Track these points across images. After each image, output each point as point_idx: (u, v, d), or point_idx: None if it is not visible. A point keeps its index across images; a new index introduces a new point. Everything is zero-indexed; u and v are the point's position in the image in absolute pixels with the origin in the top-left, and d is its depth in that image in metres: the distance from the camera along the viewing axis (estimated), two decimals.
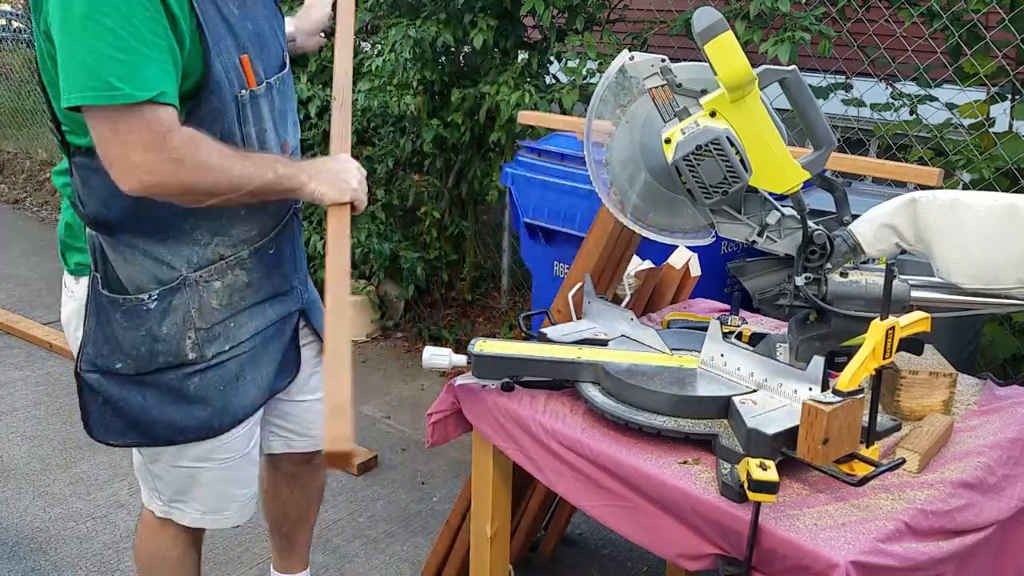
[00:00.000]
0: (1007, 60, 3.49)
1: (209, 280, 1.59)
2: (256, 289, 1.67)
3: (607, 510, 1.49)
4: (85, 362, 1.63)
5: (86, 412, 1.66)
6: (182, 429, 1.65)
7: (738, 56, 1.36)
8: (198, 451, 1.70)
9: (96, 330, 1.60)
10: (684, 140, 1.42)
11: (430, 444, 1.80)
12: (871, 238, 1.52)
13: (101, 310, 1.58)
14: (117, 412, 1.63)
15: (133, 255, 1.55)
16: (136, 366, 1.60)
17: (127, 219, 1.52)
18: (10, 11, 10.23)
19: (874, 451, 1.37)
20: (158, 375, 1.61)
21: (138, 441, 1.67)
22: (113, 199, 1.48)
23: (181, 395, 1.63)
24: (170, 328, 1.59)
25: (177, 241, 1.55)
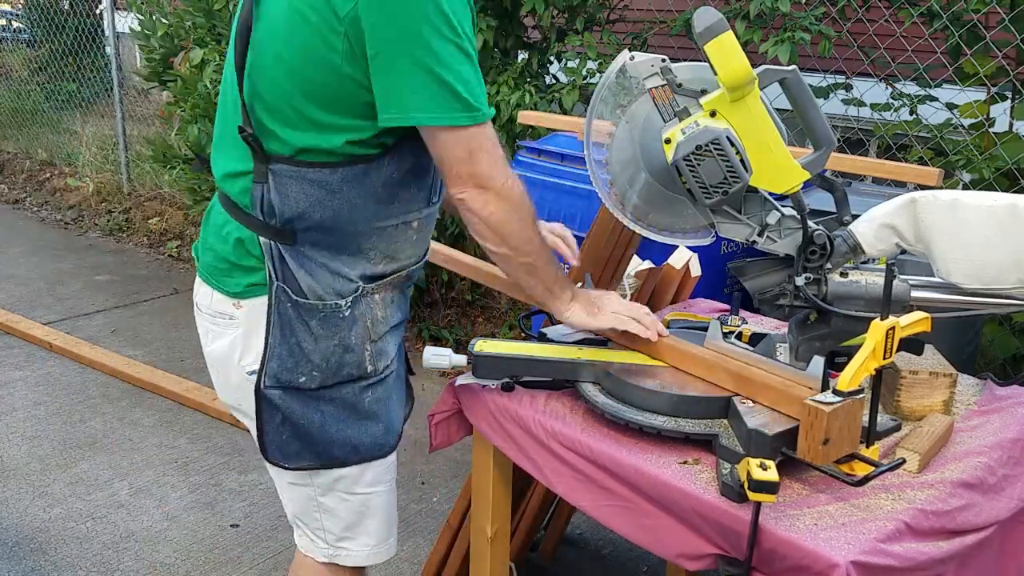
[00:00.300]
0: (1007, 60, 3.49)
1: (375, 293, 1.57)
2: (398, 308, 1.65)
3: (607, 510, 1.49)
4: (269, 377, 1.54)
5: (263, 432, 1.58)
6: (356, 447, 1.61)
7: (738, 56, 1.36)
8: (373, 474, 1.65)
9: (281, 344, 1.52)
10: (684, 140, 1.42)
11: (433, 447, 1.80)
12: (871, 238, 1.52)
13: (287, 321, 1.52)
14: (295, 431, 1.58)
15: (312, 266, 1.51)
16: (322, 378, 1.55)
17: (314, 231, 1.49)
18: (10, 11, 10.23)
19: (874, 451, 1.37)
20: (338, 389, 1.57)
21: (312, 463, 1.61)
22: (311, 210, 1.47)
23: (356, 410, 1.59)
24: (356, 338, 1.56)
25: (352, 257, 1.53)
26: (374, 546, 1.72)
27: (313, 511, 1.67)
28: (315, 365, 1.53)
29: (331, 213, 1.47)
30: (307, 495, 1.66)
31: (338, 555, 1.71)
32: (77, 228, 6.08)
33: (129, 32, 5.02)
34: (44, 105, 8.15)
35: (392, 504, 1.73)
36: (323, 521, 1.68)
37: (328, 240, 1.51)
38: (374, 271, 1.56)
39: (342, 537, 1.69)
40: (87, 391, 3.70)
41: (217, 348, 1.60)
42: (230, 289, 1.56)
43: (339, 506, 1.66)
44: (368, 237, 1.53)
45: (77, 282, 5.01)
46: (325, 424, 1.57)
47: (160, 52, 4.35)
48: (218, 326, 1.59)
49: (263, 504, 2.91)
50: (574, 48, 3.89)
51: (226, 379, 1.62)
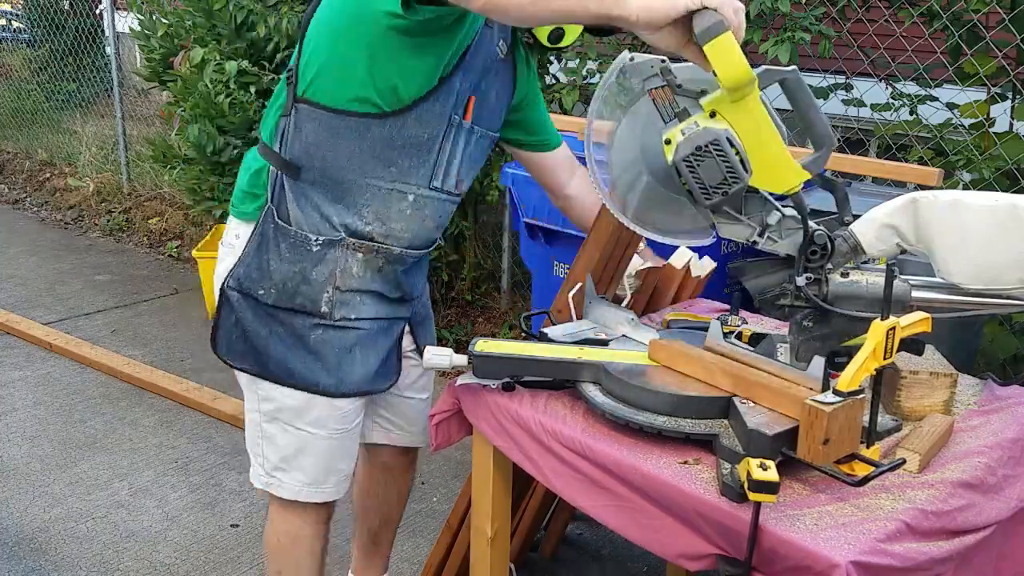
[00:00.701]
0: (1007, 60, 3.49)
1: (357, 250, 1.72)
2: (384, 280, 1.78)
3: (607, 510, 1.49)
4: (232, 278, 1.74)
5: (216, 327, 1.77)
6: (291, 372, 1.75)
7: (738, 57, 1.36)
8: (317, 414, 1.79)
9: (254, 255, 1.72)
10: (684, 141, 1.42)
11: (435, 447, 1.81)
12: (872, 238, 1.52)
13: (266, 238, 1.71)
14: (243, 335, 1.75)
15: (306, 204, 1.69)
16: (276, 297, 1.71)
17: (317, 173, 1.67)
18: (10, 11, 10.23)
19: (875, 451, 1.37)
20: (290, 315, 1.73)
21: (252, 368, 1.77)
22: (317, 150, 1.65)
23: (301, 341, 1.74)
24: (318, 275, 1.71)
25: (346, 208, 1.69)
26: (306, 484, 1.85)
27: (257, 437, 1.84)
28: (274, 283, 1.71)
29: (331, 156, 1.64)
30: (254, 420, 1.83)
31: (271, 484, 1.86)
32: (77, 228, 6.08)
33: (129, 32, 5.01)
34: (44, 105, 8.15)
35: (336, 454, 1.85)
36: (263, 447, 1.84)
37: (327, 186, 1.67)
38: (363, 228, 1.71)
39: (277, 467, 1.84)
40: (87, 391, 3.70)
41: (217, 271, 1.81)
42: (241, 210, 1.77)
43: (279, 435, 1.81)
44: (363, 192, 1.68)
45: (77, 282, 5.01)
46: (270, 340, 1.74)
47: (160, 52, 4.35)
48: (223, 251, 1.81)
49: (263, 504, 2.90)
50: (574, 48, 3.89)
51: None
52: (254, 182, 1.76)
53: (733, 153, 1.41)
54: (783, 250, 1.53)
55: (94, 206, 6.36)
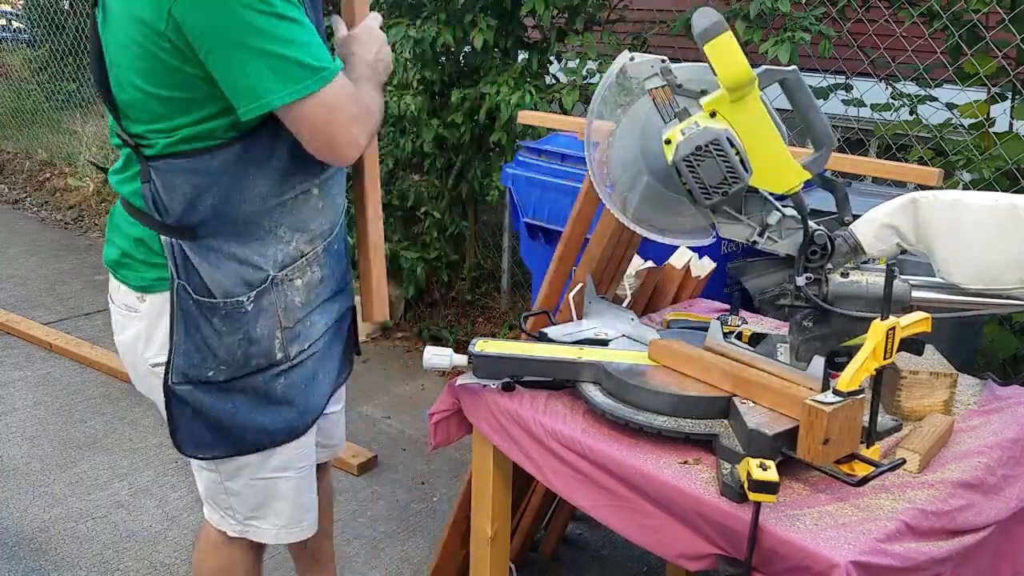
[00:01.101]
0: (1007, 60, 3.49)
1: (292, 278, 1.59)
2: (326, 285, 1.68)
3: (607, 510, 1.49)
4: (175, 374, 1.56)
5: (174, 426, 1.61)
6: (271, 432, 1.64)
7: (738, 57, 1.36)
8: (280, 459, 1.69)
9: (186, 340, 1.54)
10: (684, 141, 1.42)
11: (433, 446, 1.80)
12: (872, 238, 1.52)
13: (190, 319, 1.53)
14: (207, 423, 1.60)
15: (218, 259, 1.52)
16: (229, 372, 1.57)
17: (213, 221, 1.50)
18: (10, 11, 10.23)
19: (874, 451, 1.37)
20: (249, 379, 1.59)
21: (227, 452, 1.64)
22: (200, 200, 1.47)
23: (268, 398, 1.62)
24: (263, 329, 1.57)
25: (261, 242, 1.54)
26: (283, 527, 1.77)
27: (220, 493, 1.73)
28: (221, 360, 1.56)
29: (220, 199, 1.47)
30: (213, 479, 1.72)
31: (247, 531, 1.77)
32: (77, 228, 6.08)
33: None
34: (44, 105, 8.15)
35: (304, 490, 1.76)
36: (231, 501, 1.74)
37: (230, 228, 1.51)
38: (287, 251, 1.57)
39: (250, 517, 1.75)
40: (87, 391, 3.70)
41: (124, 338, 1.65)
42: (133, 283, 1.58)
43: (245, 490, 1.71)
44: (269, 215, 1.53)
45: (77, 282, 5.01)
46: (237, 413, 1.60)
47: None
48: (124, 317, 1.63)
49: None
50: (574, 48, 3.89)
51: (134, 369, 1.67)
52: (140, 249, 1.56)
53: (733, 153, 1.41)
54: (783, 250, 1.53)
55: (94, 206, 6.35)
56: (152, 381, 1.62)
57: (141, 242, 1.55)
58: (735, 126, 1.42)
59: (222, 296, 1.53)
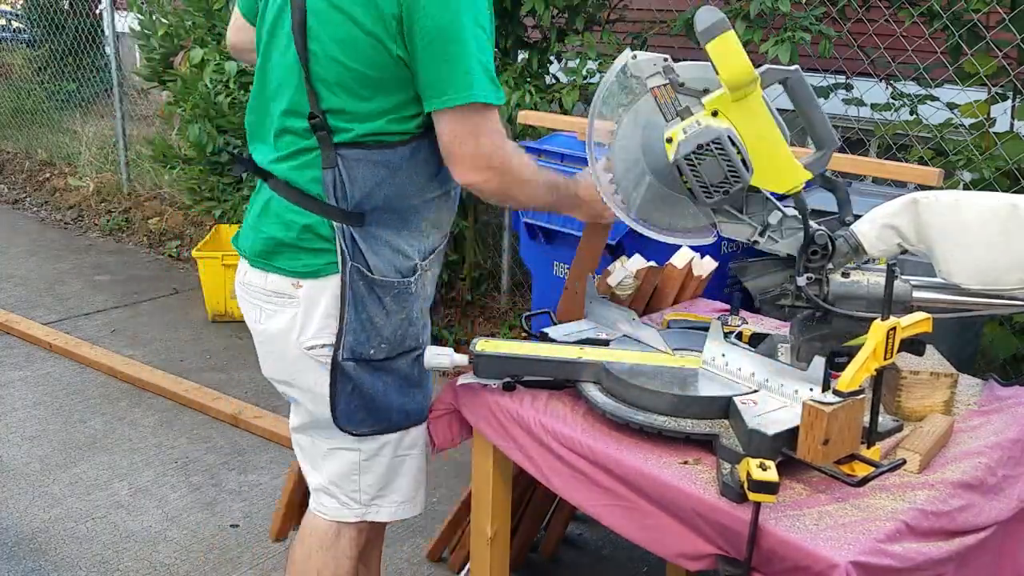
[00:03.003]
0: (1007, 60, 3.49)
1: (428, 269, 1.72)
2: (434, 281, 1.79)
3: (607, 510, 1.49)
4: (345, 350, 1.65)
5: (335, 401, 1.69)
6: (408, 413, 1.75)
7: (740, 56, 1.36)
8: (411, 437, 1.79)
9: (355, 319, 1.63)
10: (685, 139, 1.42)
11: (436, 448, 1.81)
12: (873, 239, 1.51)
13: (360, 298, 1.62)
14: (363, 400, 1.69)
15: (378, 245, 1.63)
16: (388, 350, 1.67)
17: (380, 211, 1.61)
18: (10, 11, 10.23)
19: (875, 452, 1.37)
20: (398, 360, 1.70)
21: (376, 428, 1.73)
22: (377, 189, 1.59)
23: (409, 379, 1.73)
24: (417, 312, 1.70)
25: (410, 233, 1.66)
26: (400, 503, 1.84)
27: (352, 474, 1.78)
28: (384, 338, 1.66)
29: (395, 190, 1.60)
30: (350, 460, 1.77)
31: (369, 512, 1.83)
32: (77, 228, 6.08)
33: (129, 32, 5.02)
34: (44, 105, 8.15)
35: (422, 466, 1.86)
36: (360, 482, 1.79)
37: (391, 218, 1.63)
38: (427, 245, 1.70)
39: (376, 496, 1.81)
40: (86, 391, 3.70)
41: (273, 326, 1.70)
42: (293, 269, 1.65)
43: (379, 468, 1.78)
44: (418, 212, 1.66)
45: (77, 282, 5.01)
46: (387, 392, 1.71)
47: (160, 52, 4.35)
48: (274, 304, 1.68)
49: (263, 504, 2.90)
50: (574, 48, 3.89)
51: (281, 355, 1.71)
52: (305, 236, 1.63)
53: (734, 152, 1.41)
54: (784, 250, 1.53)
55: (94, 206, 6.35)
56: (304, 364, 1.68)
57: (308, 228, 1.63)
58: (737, 125, 1.42)
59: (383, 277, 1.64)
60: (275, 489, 2.92)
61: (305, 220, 1.62)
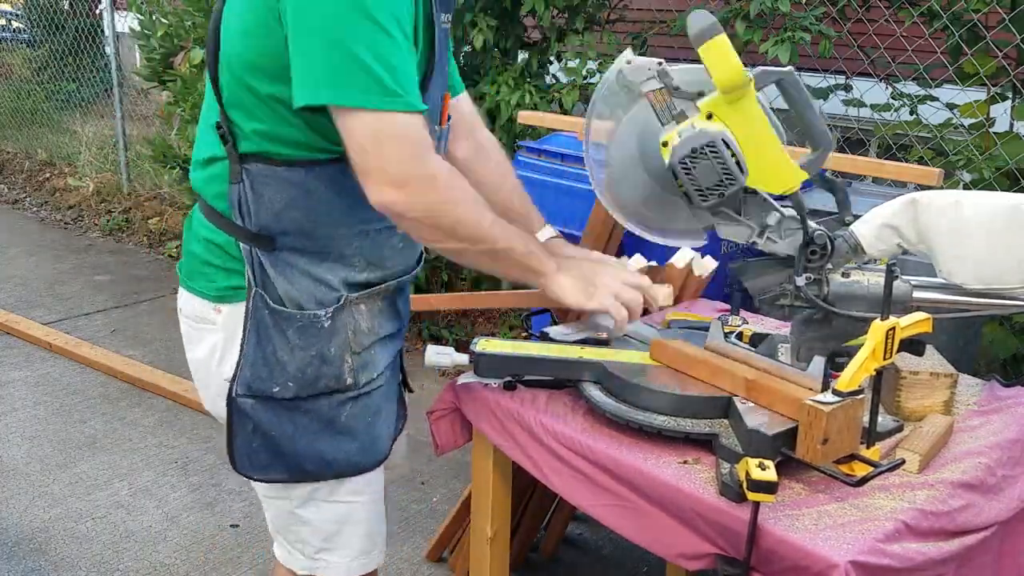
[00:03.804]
0: (1007, 60, 3.49)
1: (359, 302, 1.51)
2: (389, 318, 1.59)
3: (607, 509, 1.49)
4: (241, 385, 1.47)
5: (232, 442, 1.52)
6: (329, 463, 1.54)
7: (732, 59, 1.36)
8: (354, 484, 1.59)
9: (255, 351, 1.46)
10: (680, 143, 1.42)
11: (439, 448, 1.81)
12: (872, 239, 1.52)
13: (263, 329, 1.45)
14: (265, 442, 1.51)
15: (292, 273, 1.45)
16: (297, 389, 1.48)
17: (293, 235, 1.43)
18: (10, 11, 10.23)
19: (874, 452, 1.37)
20: (314, 401, 1.50)
21: (283, 476, 1.54)
22: (287, 211, 1.41)
23: (331, 425, 1.52)
24: (336, 349, 1.49)
25: (335, 263, 1.47)
26: (354, 558, 1.66)
27: (291, 524, 1.62)
28: (290, 376, 1.47)
29: (307, 214, 1.42)
30: (285, 508, 1.61)
31: (317, 567, 1.65)
32: (77, 228, 6.08)
33: (129, 32, 5.02)
34: (44, 105, 8.16)
35: (376, 516, 1.67)
36: (301, 533, 1.63)
37: (308, 244, 1.45)
38: (358, 279, 1.50)
39: (321, 549, 1.64)
40: (86, 391, 3.70)
41: (197, 354, 1.55)
42: (209, 292, 1.50)
43: (317, 517, 1.60)
44: (349, 242, 1.47)
45: (77, 282, 5.01)
46: (296, 436, 1.51)
47: (160, 52, 4.35)
48: (198, 331, 1.54)
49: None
50: (574, 48, 3.89)
51: (206, 387, 1.57)
52: (218, 254, 1.48)
53: (729, 155, 1.41)
54: (783, 250, 1.53)
55: (94, 206, 6.36)
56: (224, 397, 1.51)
57: (219, 247, 1.48)
58: (732, 128, 1.42)
59: (295, 308, 1.46)
60: None
61: (216, 238, 1.47)
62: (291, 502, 1.59)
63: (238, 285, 1.47)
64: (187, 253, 1.55)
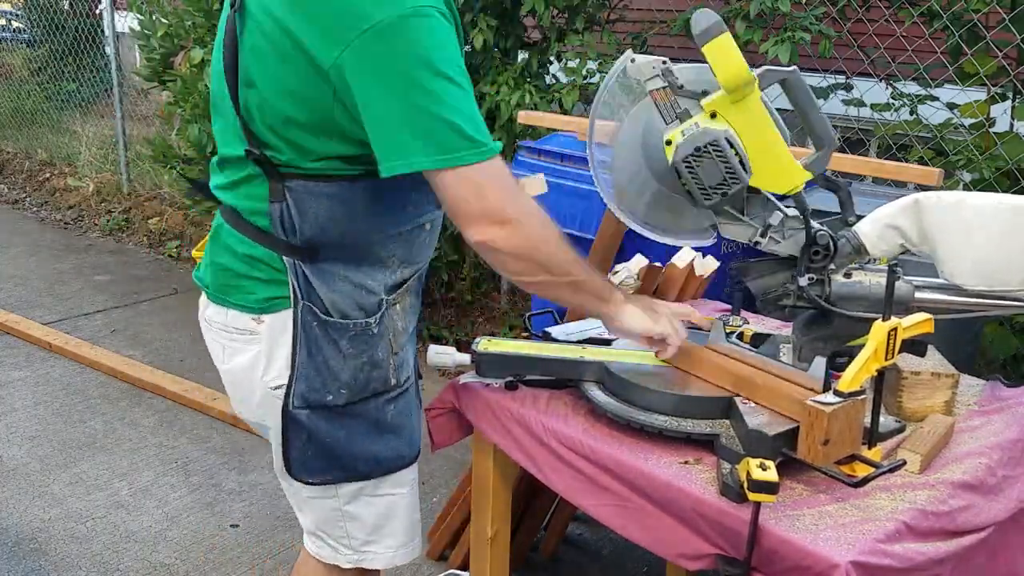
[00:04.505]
0: (1007, 60, 3.49)
1: (396, 303, 1.55)
2: (414, 312, 1.63)
3: (607, 509, 1.49)
4: (296, 398, 1.50)
5: (287, 450, 1.55)
6: (380, 461, 1.59)
7: (736, 58, 1.36)
8: (396, 476, 1.64)
9: (308, 363, 1.49)
10: (684, 142, 1.42)
11: (435, 446, 1.81)
12: (875, 239, 1.52)
13: (313, 340, 1.48)
14: (319, 448, 1.55)
15: (334, 280, 1.47)
16: (349, 396, 1.52)
17: (337, 245, 1.46)
18: (10, 11, 10.23)
19: (876, 452, 1.37)
20: (363, 404, 1.54)
21: (338, 477, 1.58)
22: (331, 224, 1.44)
23: (379, 425, 1.57)
24: (383, 353, 1.54)
25: (372, 267, 1.50)
26: (398, 548, 1.70)
27: (337, 520, 1.65)
28: (343, 383, 1.51)
29: (348, 225, 1.44)
30: (331, 506, 1.63)
31: (363, 559, 1.69)
32: (77, 228, 6.08)
33: (129, 32, 5.01)
34: (44, 105, 8.15)
35: (415, 506, 1.71)
36: (348, 528, 1.66)
37: (348, 253, 1.47)
38: (395, 279, 1.53)
39: (367, 541, 1.67)
40: (87, 391, 3.70)
41: (237, 365, 1.57)
42: (249, 304, 1.51)
43: (364, 511, 1.64)
44: (386, 245, 1.50)
45: (77, 282, 5.01)
46: (350, 440, 1.55)
47: (160, 52, 4.35)
48: (237, 342, 1.55)
49: (263, 504, 2.91)
50: (574, 48, 3.89)
51: (248, 395, 1.58)
52: (257, 268, 1.50)
53: (732, 154, 1.41)
54: (785, 251, 1.53)
55: (94, 206, 6.35)
56: (270, 404, 1.53)
57: (259, 261, 1.49)
58: (735, 127, 1.42)
59: (340, 317, 1.49)
60: (275, 489, 2.91)
61: (255, 251, 1.49)
62: (339, 500, 1.62)
63: (279, 295, 1.49)
64: (217, 267, 1.56)
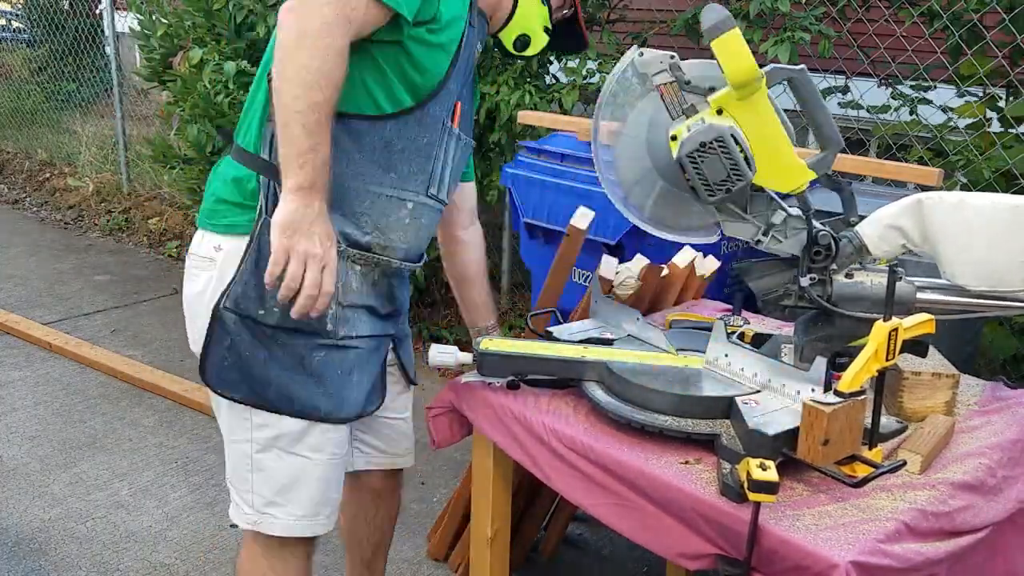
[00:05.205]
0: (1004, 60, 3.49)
1: (356, 262, 1.61)
2: (378, 295, 1.68)
3: (608, 509, 1.49)
4: (229, 299, 1.57)
5: (207, 353, 1.60)
6: (291, 399, 1.62)
7: (745, 54, 1.36)
8: (316, 439, 1.65)
9: (251, 273, 1.55)
10: (689, 137, 1.42)
11: (436, 445, 1.81)
12: (877, 239, 1.51)
13: (264, 256, 1.48)
14: (238, 361, 1.59)
15: None
16: (279, 318, 1.56)
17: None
18: (10, 11, 10.23)
19: (876, 453, 1.37)
20: (291, 336, 1.59)
21: (247, 396, 1.61)
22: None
23: (302, 364, 1.61)
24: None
25: (344, 217, 1.57)
26: (300, 517, 1.69)
27: (245, 471, 1.67)
28: (276, 302, 1.50)
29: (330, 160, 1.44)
30: (243, 452, 1.66)
31: (262, 522, 1.69)
32: (77, 228, 6.08)
33: (129, 32, 5.01)
34: (44, 105, 8.15)
35: (331, 481, 1.71)
36: (253, 482, 1.67)
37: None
38: (361, 239, 1.60)
39: (270, 503, 1.68)
40: (87, 391, 3.70)
41: (191, 290, 1.64)
42: (218, 222, 1.60)
43: (274, 465, 1.65)
44: (361, 199, 1.57)
45: (77, 282, 5.01)
46: (268, 364, 1.59)
47: (160, 52, 4.34)
48: (196, 268, 1.63)
49: None
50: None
51: (193, 321, 1.65)
52: (235, 191, 1.59)
53: (737, 150, 1.41)
54: (787, 250, 1.53)
55: (94, 206, 6.35)
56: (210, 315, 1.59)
57: (237, 182, 1.58)
58: (742, 124, 1.42)
59: None
60: None
61: (237, 173, 1.58)
62: (252, 445, 1.65)
63: (249, 219, 1.56)
64: (207, 196, 1.65)
